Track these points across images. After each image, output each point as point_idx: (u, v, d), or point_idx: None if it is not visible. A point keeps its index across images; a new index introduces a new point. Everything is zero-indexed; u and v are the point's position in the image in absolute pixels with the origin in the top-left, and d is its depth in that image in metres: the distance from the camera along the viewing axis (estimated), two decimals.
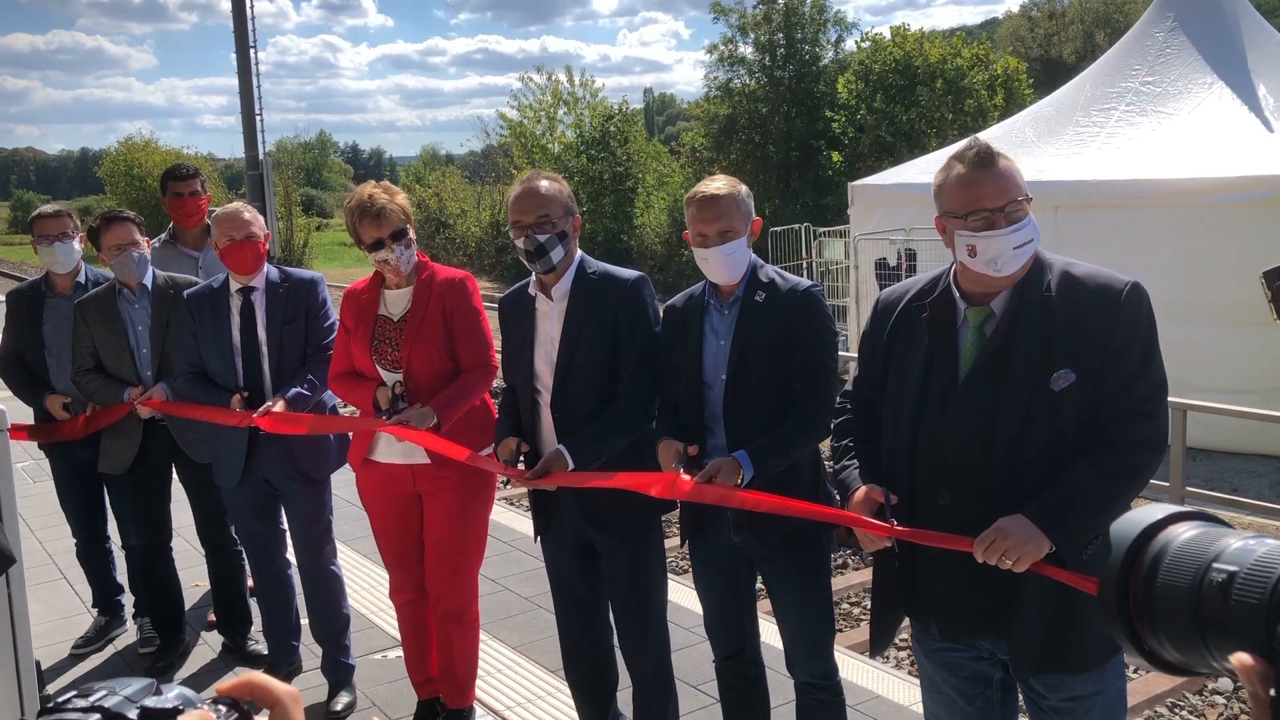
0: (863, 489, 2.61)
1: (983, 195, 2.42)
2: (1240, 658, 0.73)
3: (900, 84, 28.64)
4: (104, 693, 0.70)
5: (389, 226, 3.69)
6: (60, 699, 0.69)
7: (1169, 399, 2.50)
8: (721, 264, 3.11)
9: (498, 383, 3.74)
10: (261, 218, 4.30)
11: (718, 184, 3.15)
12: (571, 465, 3.30)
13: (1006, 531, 2.34)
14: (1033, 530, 2.33)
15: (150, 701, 0.70)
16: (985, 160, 2.44)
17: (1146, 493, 4.52)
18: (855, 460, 2.73)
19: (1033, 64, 48.67)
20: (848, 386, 2.89)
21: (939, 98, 28.25)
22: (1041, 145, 11.99)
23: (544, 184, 3.41)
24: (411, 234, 3.77)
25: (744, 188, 3.20)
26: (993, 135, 13.75)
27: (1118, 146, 11.31)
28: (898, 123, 27.78)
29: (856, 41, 32.28)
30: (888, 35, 30.43)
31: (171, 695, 0.72)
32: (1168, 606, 0.81)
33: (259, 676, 0.77)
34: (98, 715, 0.69)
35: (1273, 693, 0.69)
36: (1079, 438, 2.41)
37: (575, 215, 3.47)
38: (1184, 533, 0.84)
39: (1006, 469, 2.44)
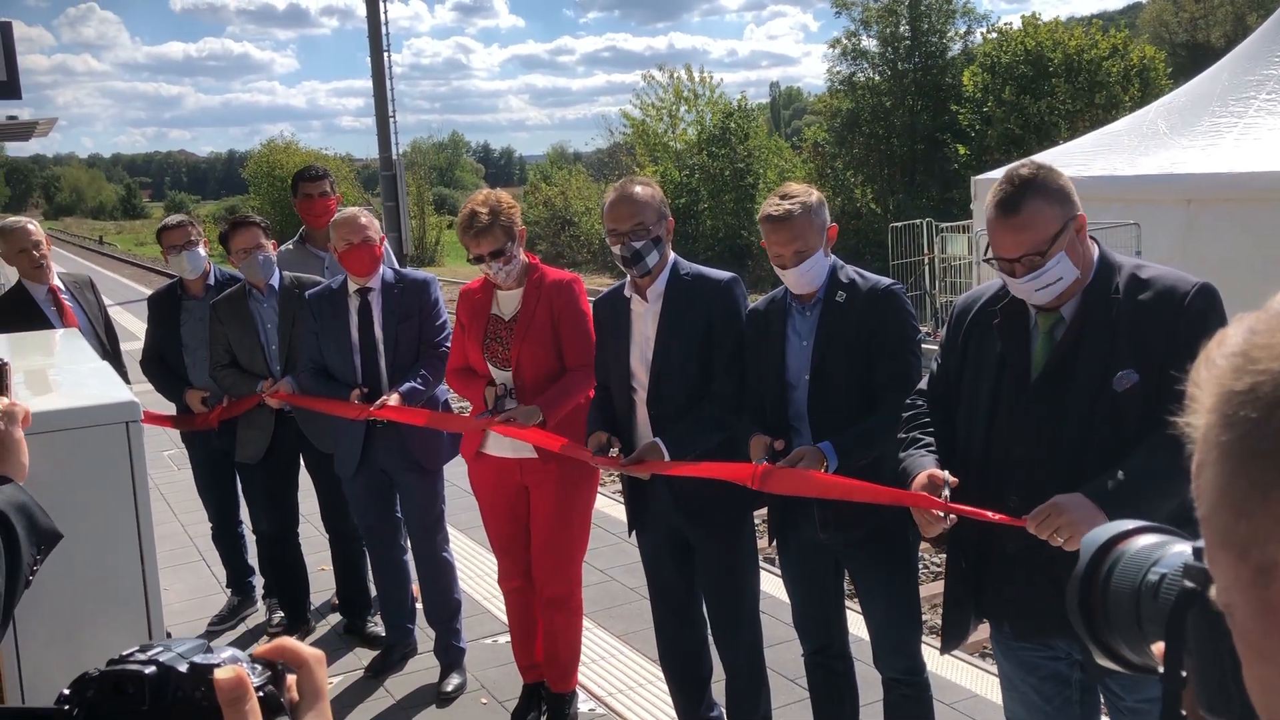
0: (924, 473, 2.62)
1: (1001, 244, 2.48)
2: (1158, 647, 0.80)
3: (1029, 75, 27.79)
4: (160, 649, 0.81)
5: (487, 246, 3.82)
6: (124, 653, 0.80)
7: None
8: (800, 280, 3.17)
9: None
10: (377, 222, 4.50)
11: (789, 203, 3.13)
12: (667, 457, 3.41)
13: (1062, 507, 2.35)
14: (1089, 507, 2.31)
15: (199, 658, 0.81)
16: (1009, 206, 2.44)
17: None
18: (916, 451, 2.74)
19: (1177, 50, 46.57)
20: (921, 385, 2.91)
21: (1078, 91, 27.29)
22: (1174, 137, 11.55)
23: (637, 189, 3.52)
24: (513, 249, 3.86)
25: (815, 196, 3.20)
26: (1123, 127, 13.31)
27: (1257, 137, 10.80)
28: (1027, 114, 26.98)
29: (983, 33, 31.48)
30: (1017, 25, 29.60)
31: (222, 655, 0.82)
32: (1118, 608, 0.86)
33: (289, 641, 0.87)
34: (154, 667, 0.79)
35: (1160, 669, 0.76)
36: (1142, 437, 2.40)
37: (668, 218, 3.56)
38: (1142, 542, 0.89)
39: (1072, 471, 2.45)
